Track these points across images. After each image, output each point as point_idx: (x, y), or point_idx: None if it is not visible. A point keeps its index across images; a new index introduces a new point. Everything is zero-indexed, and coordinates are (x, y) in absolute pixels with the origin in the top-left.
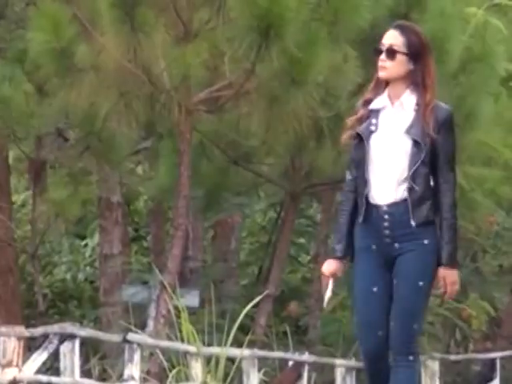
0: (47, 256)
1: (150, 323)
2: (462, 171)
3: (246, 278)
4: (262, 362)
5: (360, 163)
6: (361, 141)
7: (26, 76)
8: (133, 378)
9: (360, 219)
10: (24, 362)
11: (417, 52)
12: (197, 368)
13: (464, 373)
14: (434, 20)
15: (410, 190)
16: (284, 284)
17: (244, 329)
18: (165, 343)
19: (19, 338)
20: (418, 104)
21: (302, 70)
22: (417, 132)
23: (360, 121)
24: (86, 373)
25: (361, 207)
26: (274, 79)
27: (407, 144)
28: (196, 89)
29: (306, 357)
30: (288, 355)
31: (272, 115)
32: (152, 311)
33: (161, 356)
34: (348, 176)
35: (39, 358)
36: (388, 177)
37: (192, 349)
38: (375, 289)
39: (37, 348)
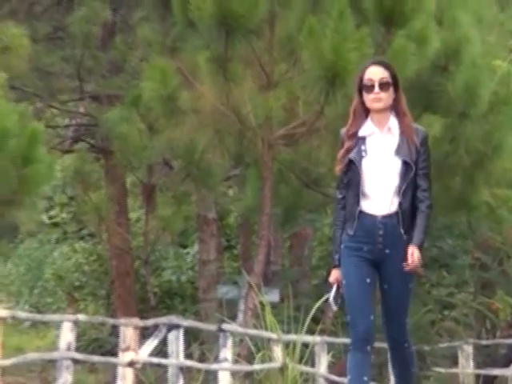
0: (157, 261)
1: (240, 315)
2: (491, 192)
3: (317, 278)
4: (330, 346)
5: (353, 184)
6: (352, 165)
7: (140, 117)
8: (226, 359)
9: (351, 232)
10: (139, 347)
11: (396, 82)
12: (278, 351)
13: (492, 355)
14: (467, 70)
15: (401, 204)
16: None
17: (316, 320)
18: (252, 331)
19: (135, 328)
20: (400, 128)
21: None
22: (405, 153)
23: (349, 151)
24: (188, 356)
25: (352, 220)
26: (338, 119)
27: (397, 164)
28: (276, 127)
29: None
30: None
31: (337, 148)
32: (241, 306)
33: (249, 342)
34: (339, 195)
35: (151, 343)
36: (384, 193)
37: (274, 336)
38: (368, 280)
39: (149, 336)
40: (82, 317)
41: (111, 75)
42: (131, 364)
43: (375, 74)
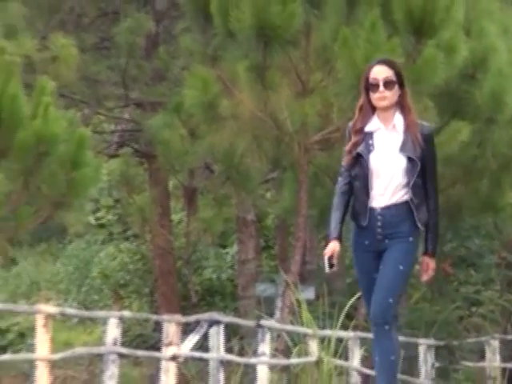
0: (198, 261)
1: (277, 312)
2: None
3: (350, 277)
4: (363, 341)
5: (360, 177)
6: (360, 159)
7: (182, 123)
8: (264, 353)
9: (365, 223)
10: (181, 342)
11: (401, 80)
12: (313, 346)
13: None
14: (494, 78)
15: (412, 199)
16: None
17: (349, 316)
18: (289, 327)
19: (178, 324)
20: (405, 124)
21: None
22: (409, 149)
23: (356, 145)
24: (228, 350)
25: (363, 213)
26: None
27: (402, 161)
28: (312, 132)
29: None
30: None
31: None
32: (279, 303)
33: (286, 337)
34: (343, 180)
35: (193, 339)
36: (387, 187)
37: (310, 331)
38: (375, 275)
39: (191, 331)
40: (126, 313)
41: (154, 83)
42: (174, 358)
43: (379, 73)
